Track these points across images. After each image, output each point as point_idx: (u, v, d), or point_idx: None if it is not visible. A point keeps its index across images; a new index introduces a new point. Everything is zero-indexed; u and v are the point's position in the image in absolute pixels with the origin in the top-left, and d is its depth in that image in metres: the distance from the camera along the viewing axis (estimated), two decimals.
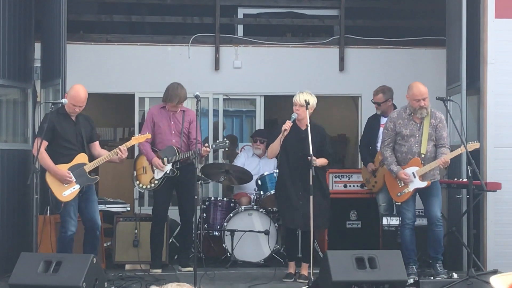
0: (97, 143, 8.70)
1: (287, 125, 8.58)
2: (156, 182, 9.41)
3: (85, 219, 8.56)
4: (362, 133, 10.70)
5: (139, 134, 9.00)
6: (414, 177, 8.71)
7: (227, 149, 9.99)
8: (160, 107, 9.52)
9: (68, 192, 8.34)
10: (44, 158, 8.33)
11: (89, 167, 8.40)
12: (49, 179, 8.35)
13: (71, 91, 8.40)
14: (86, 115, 8.70)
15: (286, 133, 8.58)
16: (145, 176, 9.50)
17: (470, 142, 8.80)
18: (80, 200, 8.47)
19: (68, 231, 8.34)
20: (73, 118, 8.47)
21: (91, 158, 8.53)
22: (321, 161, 8.64)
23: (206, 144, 9.39)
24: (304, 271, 8.77)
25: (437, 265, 8.78)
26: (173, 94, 9.35)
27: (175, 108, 9.38)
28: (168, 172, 9.33)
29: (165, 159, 9.31)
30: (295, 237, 8.83)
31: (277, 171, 9.26)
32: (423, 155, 8.72)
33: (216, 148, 9.62)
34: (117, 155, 8.42)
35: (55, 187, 8.35)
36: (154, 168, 9.38)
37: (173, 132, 9.41)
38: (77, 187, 8.35)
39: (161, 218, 9.48)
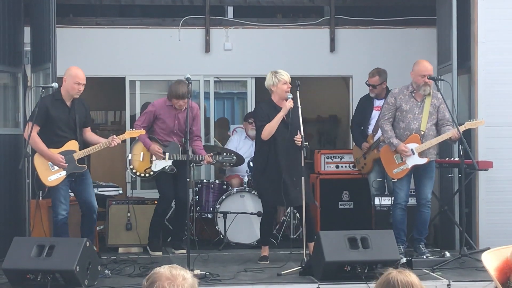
0: (89, 128, 8.69)
1: (292, 102, 8.57)
2: (151, 173, 9.42)
3: (81, 203, 8.58)
4: (353, 113, 10.70)
5: (134, 129, 8.98)
6: (413, 153, 8.70)
7: (232, 164, 9.94)
8: (167, 104, 9.43)
9: (54, 177, 8.36)
10: (37, 142, 8.34)
11: (78, 155, 8.39)
12: (37, 162, 8.37)
13: (70, 72, 8.43)
14: (82, 98, 8.67)
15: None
16: (141, 163, 9.48)
17: (473, 119, 8.87)
18: (75, 184, 8.49)
19: (59, 215, 8.35)
20: (68, 104, 8.45)
21: (82, 142, 8.53)
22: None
23: (211, 154, 9.38)
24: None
25: (420, 245, 8.81)
26: (171, 90, 9.32)
27: (178, 105, 9.32)
28: (166, 168, 9.33)
29: (167, 154, 9.31)
30: (271, 223, 9.02)
31: None
32: (422, 132, 8.72)
33: (222, 161, 9.60)
34: (107, 145, 8.45)
35: (41, 171, 8.37)
36: (152, 159, 9.38)
37: (175, 131, 9.40)
38: (63, 173, 8.37)
39: (169, 201, 9.50)
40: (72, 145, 8.41)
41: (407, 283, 3.35)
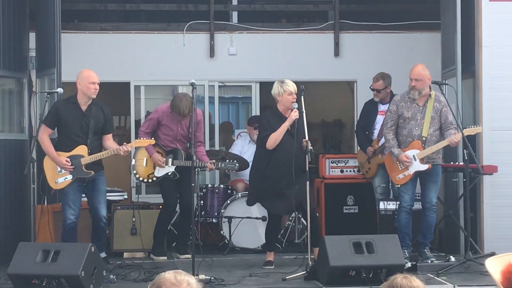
0: (109, 136, 8.68)
1: (298, 113, 8.56)
2: (154, 179, 9.42)
3: (90, 209, 8.66)
4: (358, 117, 10.70)
5: (141, 138, 8.97)
6: (415, 160, 8.70)
7: (234, 171, 9.93)
8: (170, 111, 9.37)
9: (60, 180, 8.43)
10: (45, 144, 8.44)
11: (85, 160, 8.41)
12: (46, 164, 8.46)
13: (83, 74, 8.52)
14: (102, 104, 8.71)
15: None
16: (144, 169, 9.48)
17: (471, 126, 8.84)
18: (86, 189, 8.55)
19: (67, 219, 8.39)
20: (84, 108, 8.48)
21: (96, 148, 8.53)
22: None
23: (213, 161, 9.37)
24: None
25: (425, 250, 8.80)
26: (173, 106, 9.24)
27: (179, 118, 9.31)
28: (169, 173, 9.33)
29: (170, 160, 9.31)
30: (276, 228, 8.99)
31: None
32: (424, 138, 8.72)
33: (224, 168, 9.59)
34: (116, 153, 8.46)
35: (49, 173, 8.45)
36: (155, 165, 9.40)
37: (179, 138, 9.39)
38: (69, 177, 8.41)
39: (173, 206, 9.52)
40: (81, 150, 8.45)
41: None
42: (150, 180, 9.52)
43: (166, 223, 9.64)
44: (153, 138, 9.05)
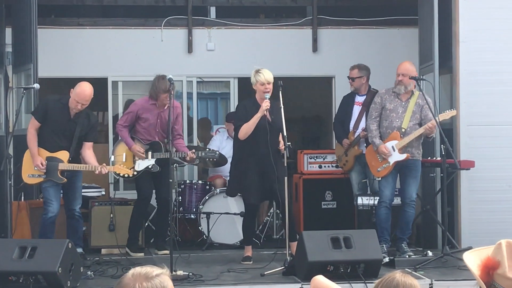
0: (89, 144, 8.61)
1: (268, 103, 8.55)
2: (135, 173, 9.36)
3: (64, 204, 8.68)
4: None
5: (123, 166, 8.84)
6: (394, 150, 8.76)
7: (215, 159, 9.89)
8: (150, 103, 9.33)
9: (32, 176, 8.46)
10: (30, 138, 8.43)
11: (63, 166, 8.39)
12: (26, 157, 8.46)
13: (77, 88, 8.40)
14: (90, 112, 8.66)
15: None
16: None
17: (446, 111, 8.90)
18: (64, 185, 8.52)
19: (49, 213, 8.40)
20: (71, 112, 8.43)
21: (77, 155, 8.48)
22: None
23: (193, 150, 9.35)
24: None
25: (403, 244, 8.85)
26: (156, 85, 9.19)
27: (166, 100, 9.19)
28: (150, 167, 9.29)
29: (150, 153, 9.27)
30: (253, 222, 9.00)
31: None
32: (403, 130, 8.78)
33: (205, 156, 9.56)
34: (92, 169, 8.42)
35: (26, 166, 8.46)
36: (135, 159, 9.33)
37: (157, 130, 9.35)
38: (42, 176, 8.40)
39: (147, 198, 9.49)
40: (63, 155, 8.42)
41: (410, 285, 3.39)
42: (130, 175, 9.45)
43: (141, 217, 9.58)
44: (133, 169, 9.01)
